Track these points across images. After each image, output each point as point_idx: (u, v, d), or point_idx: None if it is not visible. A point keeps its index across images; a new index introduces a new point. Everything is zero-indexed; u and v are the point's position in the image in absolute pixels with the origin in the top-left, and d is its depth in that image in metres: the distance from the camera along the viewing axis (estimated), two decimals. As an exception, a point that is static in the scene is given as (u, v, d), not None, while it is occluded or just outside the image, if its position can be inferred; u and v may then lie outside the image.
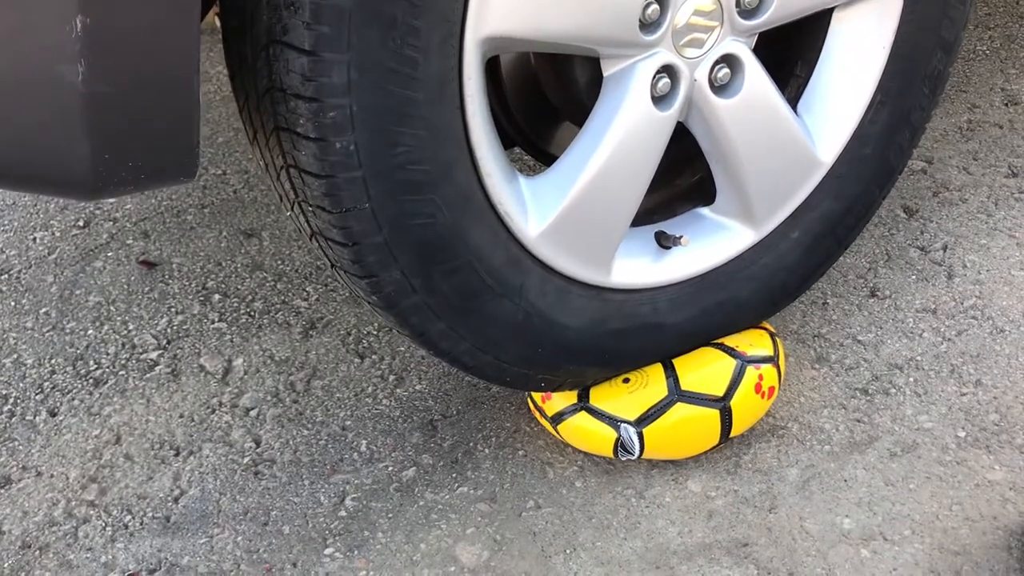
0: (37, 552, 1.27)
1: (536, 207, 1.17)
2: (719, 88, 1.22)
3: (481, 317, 1.19)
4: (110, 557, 1.27)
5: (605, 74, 1.16)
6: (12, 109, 0.90)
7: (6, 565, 1.26)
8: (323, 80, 0.98)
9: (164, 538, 1.29)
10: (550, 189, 1.18)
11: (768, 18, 1.20)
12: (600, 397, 1.31)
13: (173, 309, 1.61)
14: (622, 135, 1.16)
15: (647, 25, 1.13)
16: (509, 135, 1.33)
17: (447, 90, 1.05)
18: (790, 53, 1.33)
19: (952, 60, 1.37)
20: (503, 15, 1.04)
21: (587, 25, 1.09)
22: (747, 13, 1.19)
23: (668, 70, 1.17)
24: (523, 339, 1.23)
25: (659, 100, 1.18)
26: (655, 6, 1.12)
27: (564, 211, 1.17)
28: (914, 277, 1.63)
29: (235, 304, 1.62)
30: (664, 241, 1.29)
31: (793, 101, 1.32)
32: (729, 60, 1.21)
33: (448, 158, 1.08)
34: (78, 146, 0.91)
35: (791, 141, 1.30)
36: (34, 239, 1.76)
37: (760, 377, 1.32)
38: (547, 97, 1.30)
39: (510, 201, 1.15)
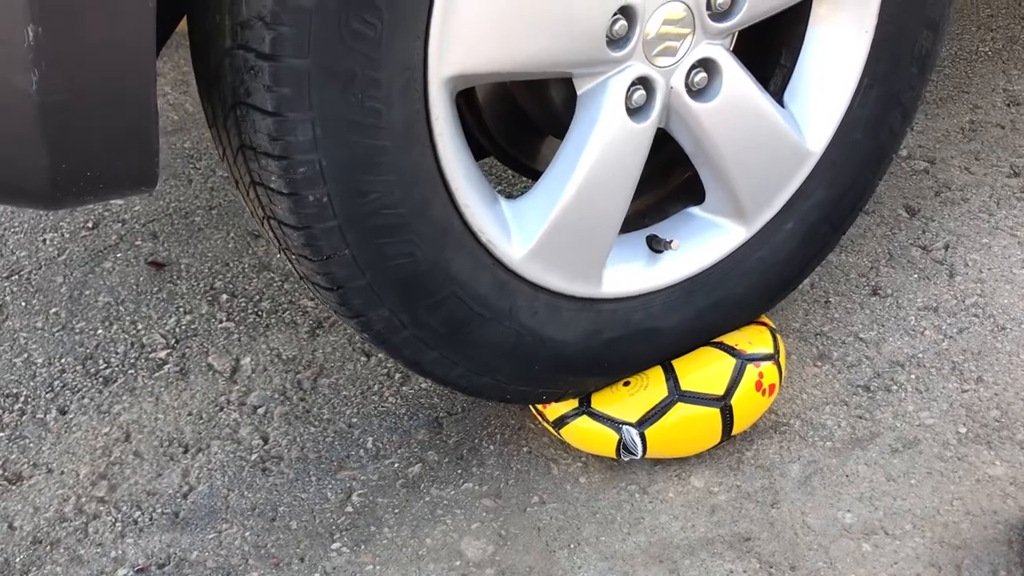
0: (48, 547, 1.29)
1: (519, 229, 1.17)
2: (697, 92, 1.20)
3: (472, 343, 1.20)
4: (120, 552, 1.28)
5: (579, 92, 1.15)
6: None
7: (17, 560, 1.28)
8: (289, 139, 0.99)
9: (173, 533, 1.30)
10: (532, 210, 1.18)
11: (742, 18, 1.19)
12: (601, 400, 1.32)
13: (181, 309, 1.63)
14: (600, 151, 1.15)
15: (615, 41, 1.12)
16: (487, 150, 1.32)
17: (414, 133, 1.05)
18: (774, 43, 1.32)
19: (940, 38, 1.34)
20: (464, 54, 1.04)
21: (552, 51, 1.08)
22: (719, 16, 1.18)
23: (643, 81, 1.16)
24: (517, 359, 1.23)
25: (635, 112, 1.17)
26: (622, 21, 1.10)
27: (547, 231, 1.17)
28: (916, 276, 1.65)
29: (243, 304, 1.64)
30: (656, 245, 1.29)
31: (780, 91, 1.32)
32: (705, 64, 1.19)
33: (422, 197, 1.08)
34: (35, 156, 0.90)
35: (776, 136, 1.28)
36: (44, 240, 1.78)
37: (760, 375, 1.33)
38: (527, 115, 1.30)
39: (491, 227, 1.15)
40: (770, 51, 1.32)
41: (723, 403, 1.31)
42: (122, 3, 0.87)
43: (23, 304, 1.65)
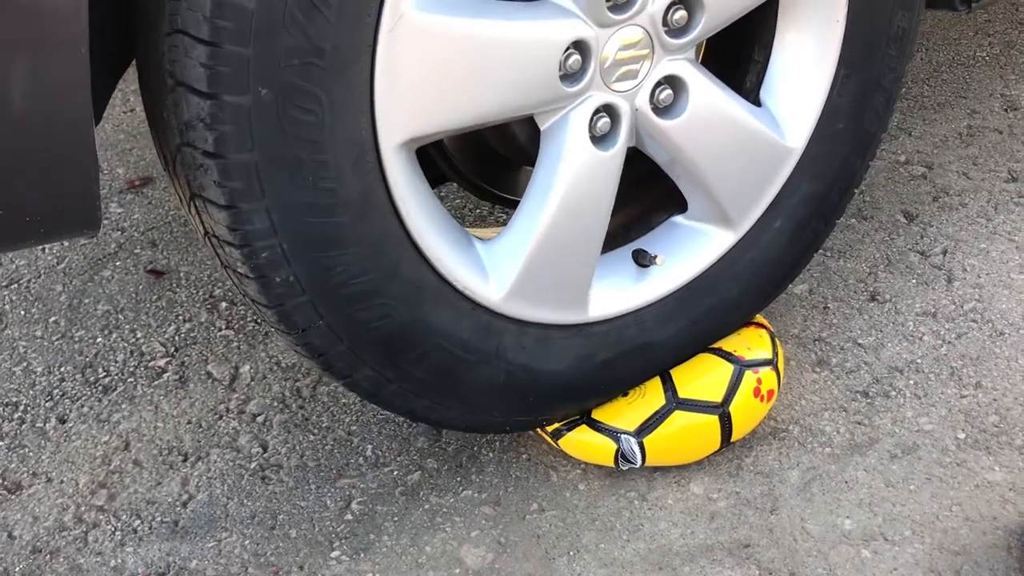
0: (47, 557, 1.29)
1: (496, 270, 1.17)
2: (664, 110, 1.18)
3: (463, 387, 1.20)
4: (119, 561, 1.28)
5: (541, 128, 1.14)
6: None
7: (17, 570, 1.28)
8: (247, 228, 1.00)
9: (173, 542, 1.30)
10: (508, 249, 1.17)
11: (701, 31, 1.16)
12: (599, 410, 1.32)
13: (181, 317, 1.63)
14: (569, 184, 1.15)
15: (571, 75, 1.10)
16: (449, 177, 1.32)
17: (373, 203, 1.05)
18: (746, 40, 1.29)
19: (916, 15, 1.31)
20: (414, 119, 1.04)
21: (506, 99, 1.08)
22: (677, 32, 1.15)
23: (606, 109, 1.14)
24: (511, 394, 1.23)
25: (601, 140, 1.16)
26: (576, 56, 1.09)
27: (525, 268, 1.17)
28: (914, 281, 1.65)
29: (242, 312, 1.64)
30: (642, 259, 1.27)
31: (755, 88, 1.29)
32: (670, 80, 1.17)
33: (390, 261, 1.09)
34: None
35: (753, 139, 1.26)
36: (43, 249, 1.78)
37: (759, 381, 1.33)
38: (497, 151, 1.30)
39: (467, 274, 1.15)
40: (742, 48, 1.30)
41: (721, 410, 1.31)
42: (54, 48, 0.86)
43: (22, 313, 1.65)
